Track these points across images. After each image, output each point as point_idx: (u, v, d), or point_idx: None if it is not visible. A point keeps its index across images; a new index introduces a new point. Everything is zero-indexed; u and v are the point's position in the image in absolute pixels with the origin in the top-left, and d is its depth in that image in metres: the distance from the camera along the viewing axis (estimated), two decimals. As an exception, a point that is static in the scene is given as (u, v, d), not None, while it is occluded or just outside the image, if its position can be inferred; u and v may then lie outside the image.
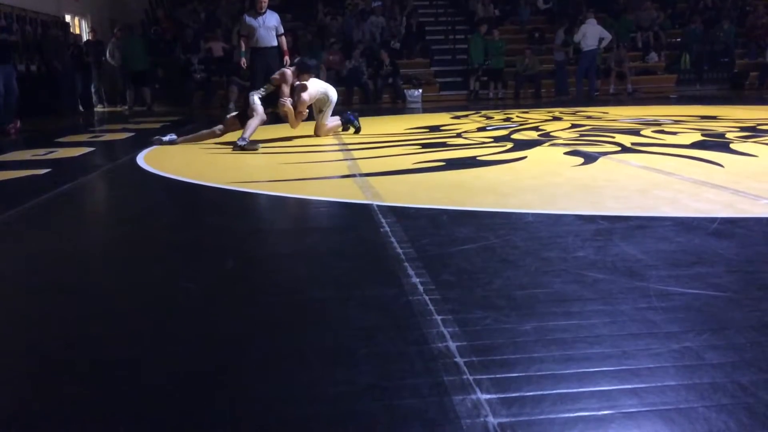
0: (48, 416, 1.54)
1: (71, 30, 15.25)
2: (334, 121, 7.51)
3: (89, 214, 4.27)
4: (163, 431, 1.45)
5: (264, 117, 6.81)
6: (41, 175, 5.32)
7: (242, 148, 6.24)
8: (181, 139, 7.00)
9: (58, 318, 2.20)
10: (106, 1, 17.20)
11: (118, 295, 2.42)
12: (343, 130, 7.61)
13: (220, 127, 7.05)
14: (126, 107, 14.20)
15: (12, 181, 5.11)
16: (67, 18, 15.37)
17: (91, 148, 7.15)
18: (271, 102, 6.87)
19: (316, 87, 7.12)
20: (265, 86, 7.03)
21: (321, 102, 7.19)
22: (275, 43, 9.24)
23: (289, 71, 6.93)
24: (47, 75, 12.36)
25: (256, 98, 6.82)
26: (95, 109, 14.59)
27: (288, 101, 6.81)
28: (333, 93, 7.32)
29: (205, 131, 7.18)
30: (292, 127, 7.09)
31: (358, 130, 7.49)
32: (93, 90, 14.95)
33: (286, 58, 9.41)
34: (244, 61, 9.45)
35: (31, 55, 12.09)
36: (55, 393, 1.66)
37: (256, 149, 6.26)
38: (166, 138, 6.93)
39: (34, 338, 2.04)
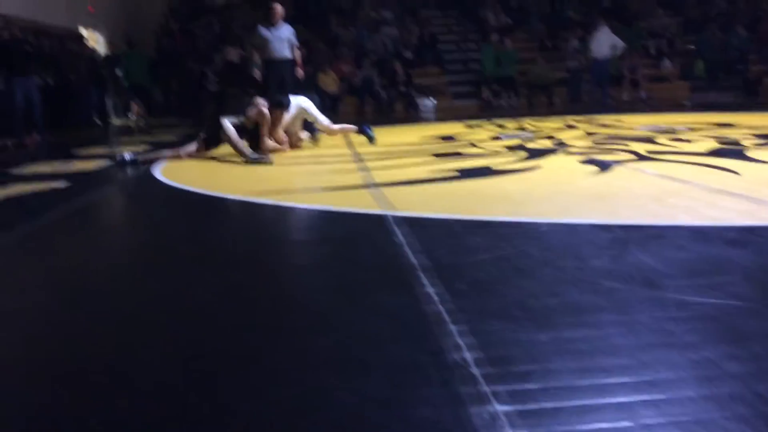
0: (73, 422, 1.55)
1: (86, 43, 15.40)
2: (346, 126, 7.60)
3: (106, 227, 4.30)
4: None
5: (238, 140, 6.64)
6: (59, 188, 5.37)
7: (255, 161, 6.24)
8: (170, 153, 6.89)
9: (73, 330, 2.21)
10: (121, 14, 17.36)
11: (135, 306, 2.43)
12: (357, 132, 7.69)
13: (190, 149, 6.91)
14: (134, 120, 14.40)
15: (30, 194, 5.15)
16: (83, 32, 15.52)
17: (108, 161, 7.20)
18: (248, 136, 6.76)
19: (290, 113, 7.23)
20: (239, 118, 6.83)
21: (300, 116, 7.30)
22: (289, 55, 9.27)
23: (265, 108, 6.85)
24: (63, 88, 12.48)
25: (228, 124, 6.66)
26: (111, 122, 14.71)
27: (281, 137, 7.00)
28: (302, 100, 7.43)
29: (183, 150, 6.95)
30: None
31: (372, 140, 7.50)
32: (110, 103, 15.09)
33: (299, 69, 9.46)
34: (258, 73, 9.49)
35: (48, 68, 12.21)
36: (74, 401, 1.67)
37: (269, 162, 6.27)
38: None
39: (51, 349, 2.05)
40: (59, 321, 2.33)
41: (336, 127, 7.61)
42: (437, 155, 6.30)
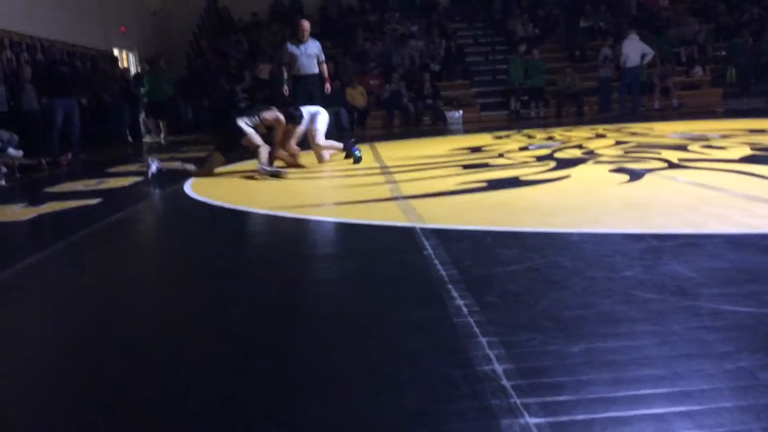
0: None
1: (119, 63, 15.73)
2: (333, 144, 7.52)
3: (139, 242, 4.37)
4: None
5: (261, 142, 6.69)
6: (93, 205, 5.47)
7: (271, 174, 6.25)
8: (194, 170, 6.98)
9: (104, 344, 2.25)
10: (152, 34, 17.69)
11: (167, 321, 2.46)
12: (345, 157, 7.49)
13: (193, 167, 7.01)
14: (152, 137, 14.73)
15: (66, 211, 5.26)
16: (115, 52, 15.85)
17: (140, 178, 7.32)
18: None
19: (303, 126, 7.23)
20: (252, 119, 6.87)
21: (292, 129, 7.22)
22: (317, 71, 9.36)
23: (282, 118, 6.91)
24: (97, 107, 12.75)
25: (248, 128, 6.74)
26: (144, 140, 14.97)
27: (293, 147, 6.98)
28: (311, 110, 7.41)
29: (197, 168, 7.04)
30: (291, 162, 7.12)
31: (357, 161, 7.32)
32: (141, 121, 15.37)
33: (327, 85, 9.52)
34: (286, 89, 9.58)
35: (83, 89, 12.50)
36: (111, 418, 1.69)
37: (284, 175, 6.26)
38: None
39: (86, 362, 2.09)
40: (92, 336, 2.37)
41: (323, 143, 7.47)
42: (465, 167, 6.29)
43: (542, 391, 1.63)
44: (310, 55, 9.27)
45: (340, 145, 7.49)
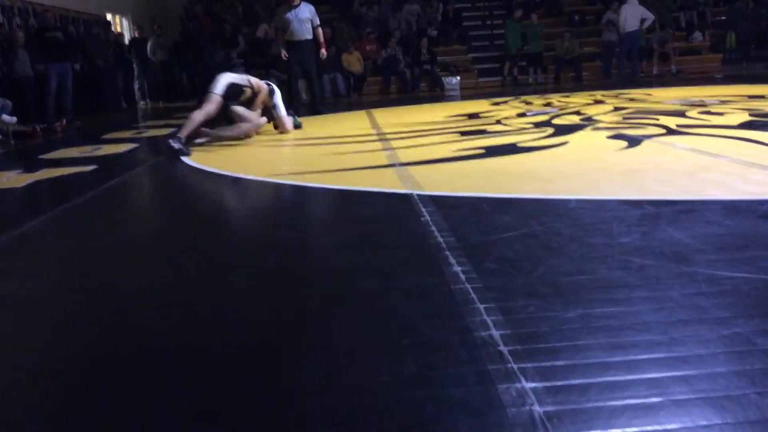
0: (104, 406, 1.58)
1: (112, 28, 15.54)
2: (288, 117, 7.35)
3: (135, 209, 4.36)
4: (211, 414, 1.48)
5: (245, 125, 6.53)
6: (88, 171, 5.44)
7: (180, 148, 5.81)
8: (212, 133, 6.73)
9: (102, 310, 2.25)
10: (146, -1, 17.45)
11: (165, 288, 2.47)
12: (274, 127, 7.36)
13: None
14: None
15: (61, 178, 5.23)
16: (108, 16, 15.64)
17: (135, 145, 7.28)
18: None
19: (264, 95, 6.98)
20: (242, 78, 6.69)
21: (268, 101, 7.03)
22: (309, 36, 9.22)
23: (266, 87, 6.79)
24: (90, 73, 12.61)
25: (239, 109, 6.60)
26: (138, 106, 14.86)
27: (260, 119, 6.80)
28: (264, 85, 7.13)
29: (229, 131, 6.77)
30: (249, 136, 6.82)
31: (298, 127, 7.31)
32: (137, 87, 15.23)
33: (323, 50, 9.40)
34: (284, 53, 9.46)
35: (77, 54, 12.36)
36: (108, 382, 1.70)
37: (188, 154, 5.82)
38: (176, 145, 6.09)
39: (78, 330, 2.09)
40: (87, 302, 2.37)
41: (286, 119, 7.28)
42: (463, 133, 6.26)
43: (539, 357, 1.64)
44: (302, 20, 9.14)
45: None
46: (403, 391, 1.54)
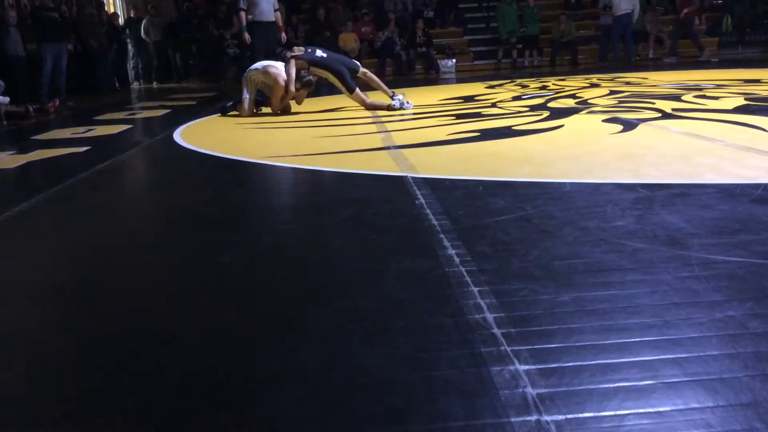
0: (91, 389, 1.58)
1: (105, 8, 15.38)
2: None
3: (128, 191, 4.34)
4: (202, 399, 1.48)
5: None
6: (81, 152, 5.41)
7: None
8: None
9: (96, 291, 2.24)
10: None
11: (157, 270, 2.46)
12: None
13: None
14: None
15: (53, 159, 5.20)
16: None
17: (129, 126, 7.24)
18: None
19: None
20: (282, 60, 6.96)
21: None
22: (273, 19, 9.08)
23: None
24: (83, 53, 12.50)
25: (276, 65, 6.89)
26: (132, 87, 14.76)
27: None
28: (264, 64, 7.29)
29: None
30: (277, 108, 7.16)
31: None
32: (130, 67, 15.12)
33: (283, 34, 9.26)
34: (247, 37, 9.18)
35: (69, 33, 12.23)
36: (94, 365, 1.70)
37: None
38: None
39: (73, 311, 2.09)
40: (80, 283, 2.36)
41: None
42: (458, 116, 6.24)
43: (532, 339, 1.65)
44: (270, 1, 8.98)
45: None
46: (396, 373, 1.54)
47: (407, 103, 6.94)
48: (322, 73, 7.10)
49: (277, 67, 6.98)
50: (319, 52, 7.11)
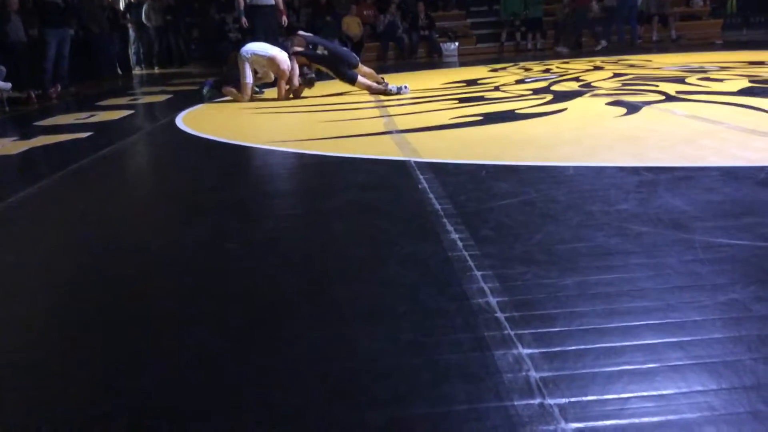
0: (85, 366, 1.59)
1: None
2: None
3: (131, 176, 4.34)
4: (203, 382, 1.48)
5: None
6: (84, 138, 5.40)
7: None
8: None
9: (99, 277, 2.25)
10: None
11: (160, 256, 2.46)
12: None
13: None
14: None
15: (56, 144, 5.20)
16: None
17: (131, 111, 7.23)
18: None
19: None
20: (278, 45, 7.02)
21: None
22: (273, 2, 9.01)
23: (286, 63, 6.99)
24: (85, 39, 12.46)
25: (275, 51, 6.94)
26: (134, 72, 14.72)
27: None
28: (270, 52, 7.22)
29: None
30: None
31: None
32: (132, 52, 15.07)
33: (284, 17, 9.19)
34: (245, 21, 9.13)
35: (72, 19, 12.18)
36: (92, 345, 1.71)
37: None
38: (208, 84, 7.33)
39: (75, 296, 2.09)
40: (83, 269, 2.37)
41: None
42: (461, 100, 6.22)
43: (535, 323, 1.65)
44: None
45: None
46: (400, 357, 1.54)
47: (404, 87, 6.96)
48: (323, 69, 7.18)
49: (283, 55, 6.97)
50: (320, 50, 7.10)
